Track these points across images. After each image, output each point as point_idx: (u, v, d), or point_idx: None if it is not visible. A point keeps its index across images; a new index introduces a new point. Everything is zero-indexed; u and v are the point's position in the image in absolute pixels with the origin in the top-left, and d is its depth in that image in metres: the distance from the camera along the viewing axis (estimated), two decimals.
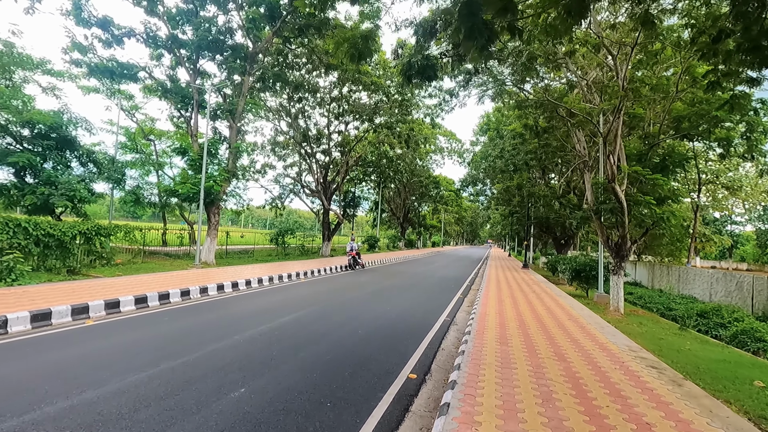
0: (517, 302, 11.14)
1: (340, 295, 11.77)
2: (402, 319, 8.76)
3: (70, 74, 20.80)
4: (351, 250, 20.57)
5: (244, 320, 7.84)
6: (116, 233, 14.40)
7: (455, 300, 12.28)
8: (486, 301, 11.06)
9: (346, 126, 29.20)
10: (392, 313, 9.33)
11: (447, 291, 14.27)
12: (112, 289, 9.32)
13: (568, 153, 21.21)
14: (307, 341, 6.50)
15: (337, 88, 25.09)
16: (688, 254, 27.12)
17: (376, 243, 41.11)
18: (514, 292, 13.56)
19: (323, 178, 29.76)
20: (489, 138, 29.93)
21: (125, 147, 26.21)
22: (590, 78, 13.82)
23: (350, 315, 8.87)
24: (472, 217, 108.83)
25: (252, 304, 9.79)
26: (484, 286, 14.79)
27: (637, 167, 11.99)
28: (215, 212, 17.57)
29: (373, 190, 46.86)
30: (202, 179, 16.07)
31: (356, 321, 8.28)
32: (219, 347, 5.96)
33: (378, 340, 6.88)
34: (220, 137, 18.25)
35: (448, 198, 66.96)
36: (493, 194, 42.20)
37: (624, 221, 12.78)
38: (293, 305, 9.70)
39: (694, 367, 7.22)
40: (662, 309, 17.35)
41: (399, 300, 11.47)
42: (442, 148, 52.26)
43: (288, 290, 12.33)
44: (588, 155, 15.38)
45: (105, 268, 13.78)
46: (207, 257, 17.24)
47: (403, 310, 9.94)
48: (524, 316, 8.96)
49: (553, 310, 10.27)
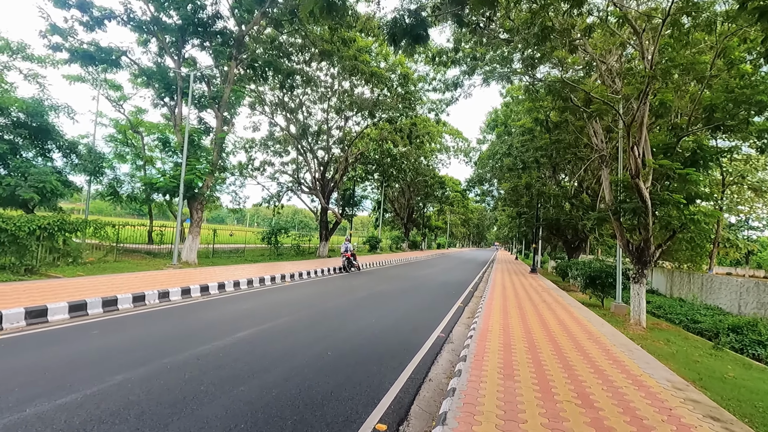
0: (525, 314, 9.63)
1: (323, 303, 10.35)
2: (387, 336, 7.30)
3: (52, 60, 19.68)
4: (346, 251, 19.17)
5: (192, 336, 6.45)
6: (83, 229, 13.12)
7: (454, 309, 10.80)
8: (489, 311, 9.57)
9: (346, 121, 27.85)
10: (377, 327, 7.88)
11: (446, 298, 12.79)
12: (52, 294, 7.99)
13: (582, 149, 19.62)
14: (254, 369, 5.07)
15: (336, 79, 23.74)
16: (710, 260, 25.29)
17: (377, 244, 39.67)
18: (522, 300, 12.04)
19: (321, 175, 28.42)
20: (497, 134, 28.38)
21: (115, 140, 25.10)
22: (610, 61, 12.27)
23: (326, 329, 7.45)
24: (478, 219, 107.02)
25: (215, 312, 8.41)
26: (488, 293, 13.29)
27: (665, 161, 10.42)
28: (198, 208, 16.27)
29: (376, 189, 45.46)
30: (182, 171, 14.80)
31: (330, 338, 6.85)
32: (127, 378, 4.54)
33: (349, 366, 5.44)
34: (205, 128, 16.97)
35: (454, 199, 65.39)
36: (500, 195, 40.61)
37: (647, 223, 11.23)
38: (263, 315, 8.30)
39: (751, 405, 5.70)
40: (686, 321, 15.69)
41: (389, 309, 10.02)
42: (447, 147, 50.73)
43: (266, 295, 10.94)
44: (606, 149, 13.81)
45: (69, 267, 12.51)
46: (188, 256, 15.94)
47: (391, 322, 8.48)
48: (534, 334, 7.46)
49: (568, 324, 8.75)
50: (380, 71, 21.28)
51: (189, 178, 15.02)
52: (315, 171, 28.48)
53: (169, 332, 6.60)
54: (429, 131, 31.74)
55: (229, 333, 6.65)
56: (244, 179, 30.45)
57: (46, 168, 15.40)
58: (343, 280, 15.88)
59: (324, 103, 26.38)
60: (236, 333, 6.67)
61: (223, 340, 6.24)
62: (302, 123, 25.96)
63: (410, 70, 24.56)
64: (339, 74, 22.57)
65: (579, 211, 20.16)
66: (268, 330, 7.02)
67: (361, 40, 20.85)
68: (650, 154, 11.46)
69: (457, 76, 16.99)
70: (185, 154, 14.86)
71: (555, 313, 10.27)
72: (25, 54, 19.07)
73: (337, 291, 12.73)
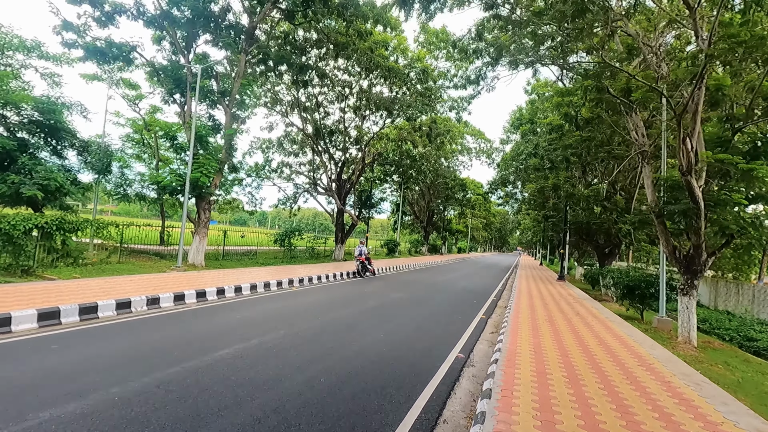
0: (559, 330, 8.34)
1: (328, 313, 9.33)
2: (395, 356, 6.20)
3: (67, 58, 19.52)
4: (360, 254, 18.16)
5: (164, 354, 5.51)
6: (84, 228, 12.55)
7: (475, 322, 9.59)
8: (516, 326, 8.33)
9: (363, 120, 26.92)
10: (384, 344, 6.79)
11: (466, 309, 11.58)
12: (29, 299, 7.25)
13: (616, 147, 18.02)
14: (223, 404, 4.06)
15: (353, 77, 22.81)
16: (759, 269, 23.03)
17: (395, 247, 38.52)
18: (552, 313, 10.71)
19: (338, 176, 27.55)
20: (522, 134, 26.89)
21: (132, 139, 24.92)
22: (657, 44, 10.85)
23: (323, 347, 6.40)
24: (500, 222, 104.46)
25: (202, 323, 7.49)
26: (513, 303, 11.99)
27: (724, 155, 8.96)
28: (205, 208, 15.57)
29: (395, 191, 44.33)
30: (188, 169, 14.13)
31: (328, 358, 5.80)
32: (54, 417, 3.61)
33: (343, 401, 4.37)
34: (215, 125, 16.32)
35: (476, 202, 63.65)
36: (523, 197, 38.83)
37: (699, 227, 9.79)
38: (255, 327, 7.33)
39: None
40: (739, 338, 13.95)
41: (401, 321, 8.91)
42: (469, 149, 49.20)
43: (266, 303, 10.01)
44: (647, 144, 12.31)
45: (69, 269, 11.94)
46: (195, 259, 15.25)
47: (401, 338, 7.37)
48: (573, 358, 6.21)
49: (611, 344, 7.43)
50: (398, 67, 20.24)
51: (195, 176, 14.33)
52: (331, 172, 27.66)
53: (138, 349, 5.68)
54: (449, 129, 30.45)
55: (208, 351, 5.69)
56: (261, 180, 29.98)
57: (52, 166, 15.02)
58: (355, 285, 14.86)
59: (341, 103, 25.55)
60: (217, 351, 5.71)
61: (199, 360, 5.28)
62: (318, 122, 25.19)
63: (430, 66, 23.47)
64: (355, 70, 21.66)
65: (613, 214, 18.52)
66: (254, 347, 6.03)
67: (378, 34, 19.90)
68: (704, 147, 9.99)
69: (480, 68, 15.80)
70: (191, 151, 14.19)
71: (592, 329, 8.93)
72: (40, 52, 18.96)
73: (346, 299, 11.70)
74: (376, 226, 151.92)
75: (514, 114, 31.04)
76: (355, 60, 17.99)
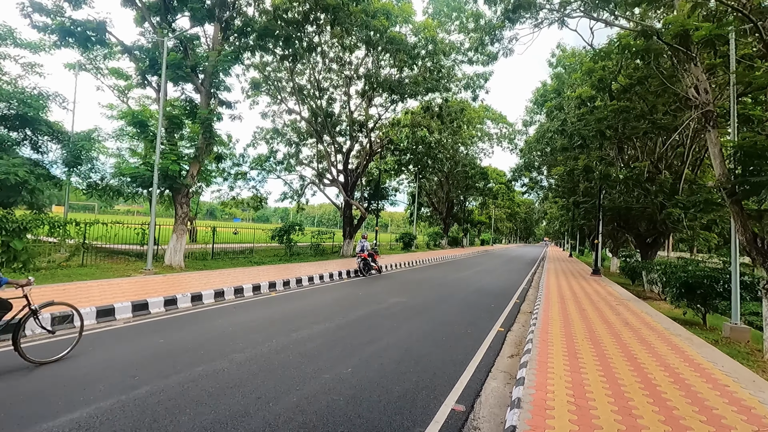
0: (606, 354, 5.92)
1: (290, 332, 7.20)
2: (351, 417, 4.01)
3: (44, 45, 18.10)
4: (362, 250, 16.01)
5: (74, 390, 3.51)
6: (35, 228, 10.89)
7: (490, 339, 7.28)
8: (545, 348, 5.99)
9: (369, 103, 24.65)
10: (346, 389, 4.58)
11: (480, 318, 9.25)
12: None
13: (661, 117, 15.11)
14: None
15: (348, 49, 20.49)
16: None
17: (411, 241, 36.16)
18: (593, 323, 8.25)
19: (344, 165, 25.45)
20: (547, 111, 23.98)
21: (126, 133, 23.55)
22: None
23: (267, 387, 4.28)
24: (525, 213, 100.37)
25: (147, 344, 5.51)
26: (540, 309, 9.58)
27: None
28: (183, 202, 13.76)
29: (412, 183, 41.83)
30: (156, 156, 12.33)
31: (260, 413, 3.67)
32: None
33: None
34: (195, 108, 14.47)
35: (498, 191, 60.45)
36: (549, 185, 35.70)
37: None
38: (159, 363, 5.28)
39: None
40: None
41: (387, 342, 6.69)
42: (490, 135, 46.11)
43: (217, 317, 7.99)
44: (712, 102, 9.57)
45: (15, 275, 10.30)
46: (171, 259, 13.49)
47: (376, 375, 5.15)
48: (638, 408, 3.85)
49: (688, 380, 4.97)
50: (401, 36, 17.82)
51: (165, 164, 12.51)
52: (336, 161, 25.60)
53: None
54: (463, 108, 27.74)
55: (135, 384, 3.66)
56: (266, 173, 28.24)
57: (15, 159, 13.53)
58: (351, 288, 12.74)
59: (347, 87, 23.37)
60: (138, 388, 3.66)
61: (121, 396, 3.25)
62: (320, 108, 23.11)
63: (441, 39, 20.91)
64: (351, 42, 19.26)
65: (658, 197, 15.62)
66: (178, 386, 3.95)
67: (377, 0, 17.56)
68: None
69: (493, 24, 13.31)
70: (159, 134, 12.38)
71: (653, 349, 6.46)
72: (14, 39, 17.60)
73: (328, 308, 9.58)
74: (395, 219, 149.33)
75: (538, 91, 28.06)
76: (350, 27, 15.68)
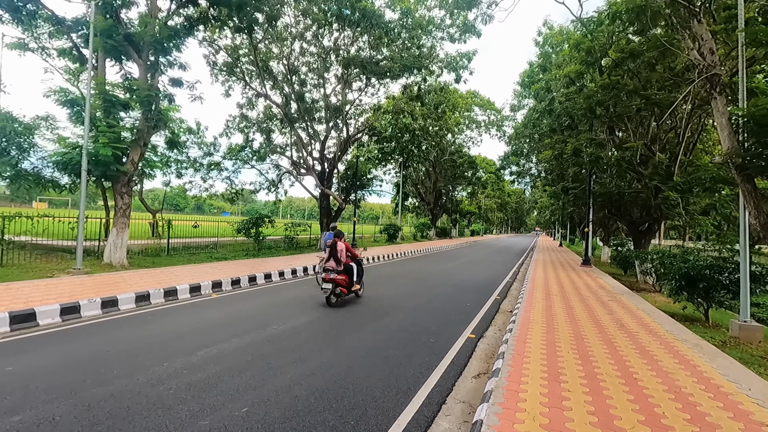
0: (597, 374, 4.55)
1: (214, 343, 5.74)
2: None
3: None
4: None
5: None
6: None
7: (455, 352, 5.87)
8: (519, 370, 4.60)
9: (346, 85, 22.99)
10: (244, 427, 3.18)
11: (450, 321, 7.85)
12: None
13: (656, 93, 13.77)
14: None
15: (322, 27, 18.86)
16: None
17: (396, 233, 34.77)
18: (582, 324, 6.89)
19: (320, 153, 23.86)
20: (535, 93, 22.55)
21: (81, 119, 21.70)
22: None
23: None
24: (516, 202, 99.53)
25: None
26: (523, 306, 8.21)
27: None
28: (123, 192, 12.14)
29: (399, 172, 40.28)
30: (84, 139, 10.72)
31: None
32: None
33: None
34: (127, 81, 12.77)
35: (488, 180, 59.25)
36: (538, 172, 34.41)
37: None
38: (72, 379, 3.81)
39: None
40: None
41: (325, 356, 5.26)
42: (478, 122, 44.65)
43: (143, 324, 6.49)
44: (719, 66, 8.20)
45: None
46: (111, 257, 11.90)
47: (294, 403, 3.71)
48: None
49: (710, 414, 3.61)
50: (372, 7, 16.20)
51: (97, 148, 10.88)
52: (313, 149, 23.98)
53: None
54: (443, 88, 26.21)
55: None
56: (242, 164, 26.59)
57: None
58: (312, 286, 11.29)
59: (320, 71, 21.69)
60: None
61: None
62: (292, 91, 21.45)
63: (418, 12, 19.30)
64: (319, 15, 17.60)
65: (653, 180, 14.33)
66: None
67: None
68: None
69: None
70: (87, 114, 10.74)
71: (657, 364, 5.10)
72: None
73: (269, 313, 8.12)
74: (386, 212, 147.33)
75: (525, 72, 26.59)
76: None
